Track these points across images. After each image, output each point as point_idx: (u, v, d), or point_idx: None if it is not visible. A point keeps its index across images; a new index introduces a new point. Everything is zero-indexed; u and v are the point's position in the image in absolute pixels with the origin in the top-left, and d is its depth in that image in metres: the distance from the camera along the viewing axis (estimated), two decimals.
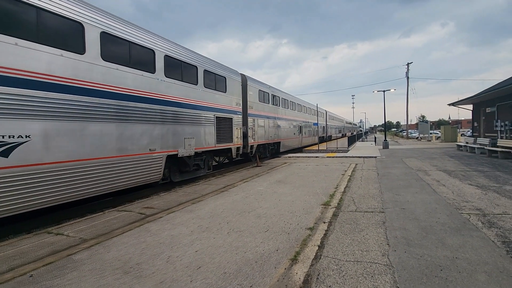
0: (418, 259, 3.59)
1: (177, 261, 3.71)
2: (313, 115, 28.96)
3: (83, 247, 4.26)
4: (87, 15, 6.31)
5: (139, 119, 7.60)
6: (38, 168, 5.29)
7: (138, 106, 7.56)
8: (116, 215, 5.95)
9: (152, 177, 8.15)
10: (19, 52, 5.08)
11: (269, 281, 3.15)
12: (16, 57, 5.03)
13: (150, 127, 7.98)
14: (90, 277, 3.34)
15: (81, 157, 6.09)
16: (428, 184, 8.18)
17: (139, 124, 7.61)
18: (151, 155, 8.02)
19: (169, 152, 8.71)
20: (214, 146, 11.11)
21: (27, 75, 5.20)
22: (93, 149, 6.34)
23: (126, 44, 7.39)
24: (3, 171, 4.81)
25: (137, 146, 7.53)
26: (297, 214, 5.62)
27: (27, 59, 5.19)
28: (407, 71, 42.41)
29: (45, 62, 5.50)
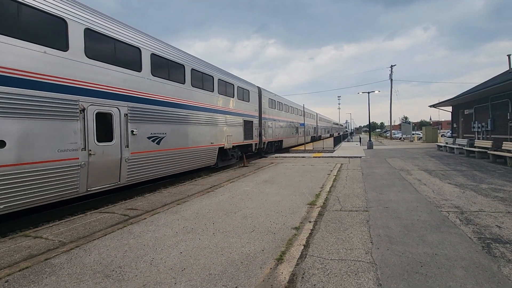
0: (400, 256, 3.67)
1: (161, 263, 3.64)
2: (307, 117, 33.02)
3: (62, 250, 4.11)
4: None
5: (206, 123, 11.42)
6: (169, 152, 9.26)
7: (205, 113, 11.40)
8: (98, 217, 5.78)
9: (210, 161, 12.01)
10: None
11: (255, 282, 3.14)
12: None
13: (212, 127, 11.87)
14: (68, 282, 3.22)
15: (192, 145, 10.48)
16: (410, 183, 8.42)
17: (206, 125, 11.45)
18: (212, 147, 11.87)
19: (219, 145, 12.51)
20: (242, 142, 14.97)
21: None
22: (183, 141, 10.02)
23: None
24: (163, 153, 8.90)
25: (205, 140, 11.36)
26: (283, 214, 5.64)
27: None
28: (391, 73, 43.56)
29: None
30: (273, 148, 21.16)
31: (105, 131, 7.01)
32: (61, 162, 5.99)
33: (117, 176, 7.40)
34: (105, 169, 7.01)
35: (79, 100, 6.34)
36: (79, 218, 5.78)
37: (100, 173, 6.89)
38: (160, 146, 8.77)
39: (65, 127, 6.09)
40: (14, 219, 5.91)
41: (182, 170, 10.10)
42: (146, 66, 8.32)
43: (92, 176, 6.68)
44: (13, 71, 5.22)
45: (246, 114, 15.50)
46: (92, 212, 6.28)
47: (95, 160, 6.69)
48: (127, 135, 7.58)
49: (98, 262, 3.71)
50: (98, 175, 6.85)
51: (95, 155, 6.67)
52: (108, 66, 7.11)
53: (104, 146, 6.95)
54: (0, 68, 5.06)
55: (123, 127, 7.47)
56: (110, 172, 7.19)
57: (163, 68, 9.12)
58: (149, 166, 8.40)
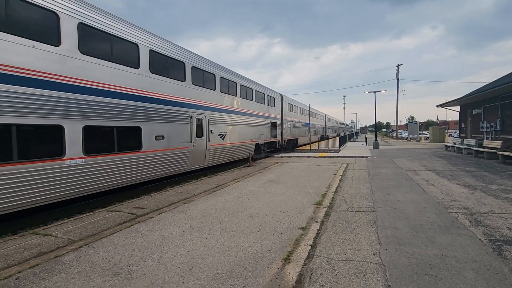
0: (408, 258, 3.63)
1: (169, 262, 3.66)
2: (317, 118, 37.50)
3: (71, 248, 4.16)
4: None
5: (249, 124, 15.44)
6: (229, 145, 12.91)
7: (249, 117, 15.48)
8: (106, 215, 5.84)
9: (250, 153, 15.50)
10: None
11: (262, 281, 3.14)
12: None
13: (252, 128, 15.86)
14: (78, 279, 3.26)
15: (240, 141, 14.34)
16: (418, 184, 8.33)
17: (249, 127, 15.44)
18: (251, 142, 15.92)
19: (256, 142, 16.46)
20: (269, 139, 18.83)
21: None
22: (236, 138, 13.89)
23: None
24: (225, 145, 12.65)
25: (248, 137, 15.32)
26: (289, 214, 5.63)
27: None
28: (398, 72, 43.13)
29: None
30: (291, 145, 23.91)
31: (199, 130, 10.90)
32: (183, 149, 9.98)
33: (203, 160, 11.23)
34: (199, 155, 10.91)
35: (189, 112, 10.36)
36: (87, 217, 5.84)
37: (197, 157, 10.77)
38: (224, 141, 12.76)
39: (184, 128, 10.10)
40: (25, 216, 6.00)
41: (234, 159, 14.02)
42: (217, 86, 12.44)
43: (193, 159, 10.54)
44: (171, 98, 9.53)
45: (273, 117, 19.38)
46: (100, 211, 6.35)
47: (195, 149, 10.61)
48: (208, 133, 11.44)
49: (107, 260, 3.75)
50: (196, 159, 10.72)
51: (195, 145, 10.58)
52: (202, 88, 11.28)
53: (199, 140, 10.87)
54: (167, 97, 9.29)
55: (207, 128, 11.34)
56: (201, 157, 11.04)
57: (229, 87, 13.52)
58: (218, 154, 12.38)
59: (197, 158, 10.70)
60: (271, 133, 18.74)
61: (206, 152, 11.22)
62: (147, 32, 8.76)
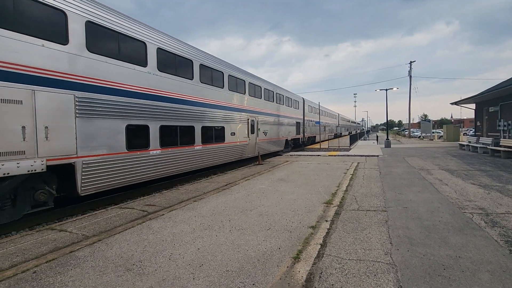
0: (421, 258, 3.57)
1: (179, 258, 3.71)
2: (331, 118, 41.05)
3: (86, 244, 4.27)
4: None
5: (282, 124, 19.14)
6: (269, 140, 16.96)
7: (282, 119, 19.16)
8: (118, 212, 5.96)
9: (282, 147, 19.42)
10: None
11: (272, 279, 3.15)
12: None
13: (284, 127, 19.49)
14: (92, 274, 3.35)
15: (276, 137, 18.21)
16: (431, 183, 8.15)
17: (282, 126, 19.15)
18: (282, 138, 19.35)
19: (285, 138, 19.87)
20: (295, 136, 22.35)
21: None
22: (273, 134, 17.59)
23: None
24: (267, 140, 16.73)
25: (281, 135, 19.01)
26: (299, 213, 5.61)
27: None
28: (410, 69, 42.24)
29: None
30: (310, 142, 27.71)
31: (252, 129, 14.50)
32: (243, 143, 13.60)
33: (254, 151, 14.83)
34: (252, 146, 14.64)
35: (247, 115, 14.04)
36: (101, 213, 5.98)
37: (251, 148, 14.50)
38: (266, 137, 16.46)
39: (245, 127, 13.81)
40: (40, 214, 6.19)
41: (271, 151, 17.61)
42: (262, 95, 16.11)
43: (248, 149, 14.24)
44: (239, 106, 13.41)
45: (297, 118, 23.05)
46: (113, 208, 6.49)
47: (249, 143, 14.23)
48: (257, 131, 15.10)
49: (119, 256, 3.83)
50: (250, 149, 14.44)
51: (250, 140, 14.31)
52: (253, 98, 14.91)
53: (252, 136, 14.56)
54: (237, 106, 13.10)
55: (256, 127, 15.05)
56: (253, 148, 14.71)
57: (269, 95, 17.21)
58: (263, 146, 16.03)
59: (251, 148, 14.51)
60: (296, 131, 22.41)
61: (256, 145, 15.05)
62: (226, 63, 12.47)
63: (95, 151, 6.52)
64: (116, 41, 7.13)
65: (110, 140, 6.88)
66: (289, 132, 20.67)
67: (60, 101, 5.79)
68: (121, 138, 7.15)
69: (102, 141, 6.68)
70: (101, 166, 6.65)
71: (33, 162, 5.31)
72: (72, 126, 6.02)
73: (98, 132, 6.57)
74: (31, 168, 5.27)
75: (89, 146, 6.38)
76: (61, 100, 5.81)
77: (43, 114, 5.50)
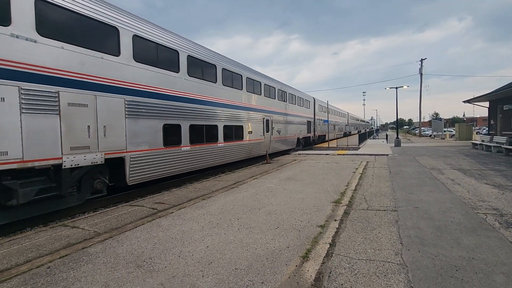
0: (432, 259, 3.51)
1: (189, 256, 3.75)
2: (341, 116, 42.28)
3: (97, 240, 4.36)
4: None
5: (293, 123, 20.02)
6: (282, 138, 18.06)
7: (294, 118, 20.13)
8: (129, 210, 6.06)
9: (294, 145, 20.39)
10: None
11: (280, 278, 3.15)
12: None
13: (295, 125, 20.39)
14: (104, 270, 3.41)
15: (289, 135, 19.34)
16: (443, 183, 7.99)
17: (294, 124, 20.08)
18: (294, 137, 20.37)
19: (297, 136, 20.82)
20: (306, 135, 23.31)
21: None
22: (286, 133, 18.76)
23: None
24: (280, 138, 17.76)
25: (293, 133, 19.90)
26: (307, 212, 5.59)
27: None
28: (421, 67, 41.43)
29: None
30: (320, 140, 28.52)
31: (266, 127, 15.44)
32: (258, 140, 14.52)
33: (268, 148, 15.70)
34: (267, 144, 15.47)
35: (262, 115, 15.03)
36: (112, 211, 6.09)
37: (265, 146, 15.33)
38: (279, 135, 17.34)
39: (260, 125, 14.69)
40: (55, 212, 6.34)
41: (284, 148, 18.53)
42: (276, 96, 17.12)
43: (263, 147, 14.99)
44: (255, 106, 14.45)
45: (308, 117, 24.00)
46: (123, 205, 6.59)
47: (264, 140, 15.09)
48: (271, 129, 16.09)
49: (130, 252, 3.90)
50: (264, 146, 15.17)
51: (265, 138, 15.23)
52: (268, 98, 15.98)
53: (267, 134, 15.57)
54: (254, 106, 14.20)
55: (271, 126, 15.99)
56: (267, 146, 15.55)
57: (282, 96, 18.23)
58: (276, 144, 17.03)
59: (265, 146, 15.33)
60: (307, 129, 23.50)
61: (270, 142, 16.00)
62: (244, 66, 13.61)
63: (139, 146, 7.53)
64: (155, 51, 8.16)
65: (151, 138, 7.90)
66: (301, 131, 21.72)
67: (114, 104, 6.84)
68: (159, 136, 8.16)
69: (145, 138, 7.70)
70: (144, 160, 7.66)
71: (95, 155, 6.37)
72: (122, 125, 7.02)
73: (141, 131, 7.58)
74: (93, 160, 6.34)
75: (135, 143, 7.38)
76: (115, 103, 6.86)
77: (102, 115, 6.52)
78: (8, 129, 4.97)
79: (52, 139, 5.58)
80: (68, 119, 5.84)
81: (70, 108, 5.88)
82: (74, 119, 5.93)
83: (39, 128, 5.37)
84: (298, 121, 21.06)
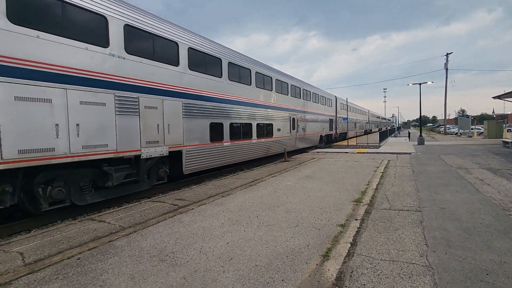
0: (460, 262, 3.37)
1: (209, 251, 3.82)
2: (361, 114, 42.46)
3: (123, 234, 4.53)
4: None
5: (317, 121, 20.81)
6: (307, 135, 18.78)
7: (317, 116, 20.94)
8: (151, 206, 6.24)
9: (317, 143, 21.04)
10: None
11: (301, 276, 3.14)
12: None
13: (318, 123, 21.14)
14: (129, 263, 3.55)
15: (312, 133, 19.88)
16: (470, 183, 7.63)
17: (317, 122, 20.92)
18: (317, 134, 21.05)
19: (320, 134, 21.54)
20: (328, 132, 23.90)
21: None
22: (310, 130, 19.27)
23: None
24: (305, 136, 18.39)
25: (316, 131, 20.73)
26: (327, 210, 5.52)
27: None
28: (446, 62, 39.59)
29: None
30: (341, 138, 28.84)
31: (292, 125, 16.27)
32: (285, 138, 15.42)
33: (294, 145, 16.72)
34: (293, 141, 16.47)
35: (289, 113, 15.92)
36: (135, 206, 6.31)
37: (291, 142, 16.26)
38: (304, 132, 18.16)
39: (287, 123, 15.61)
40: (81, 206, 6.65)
41: (307, 145, 19.13)
42: (301, 95, 17.92)
43: (289, 143, 15.92)
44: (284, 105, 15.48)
45: (330, 115, 24.63)
46: (146, 201, 6.81)
47: (290, 137, 16.05)
48: (297, 127, 16.88)
49: (153, 246, 4.02)
50: (290, 143, 16.09)
51: (291, 135, 16.07)
52: (294, 98, 16.83)
53: (293, 131, 16.38)
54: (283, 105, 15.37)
55: (296, 124, 16.79)
56: (293, 143, 16.52)
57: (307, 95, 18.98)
58: (301, 141, 17.73)
59: (291, 143, 16.27)
60: (329, 127, 24.13)
61: (296, 139, 16.82)
62: (273, 68, 14.82)
63: (192, 142, 8.76)
64: (204, 59, 9.40)
65: (201, 134, 9.13)
66: (323, 128, 22.41)
67: (175, 106, 8.10)
68: (206, 133, 9.37)
69: (196, 135, 8.92)
70: (195, 153, 8.90)
71: (162, 148, 7.65)
72: (181, 124, 8.28)
73: (194, 128, 8.80)
74: (161, 152, 7.62)
75: (189, 138, 8.61)
76: (175, 105, 8.12)
77: (167, 115, 7.78)
78: (108, 126, 6.28)
79: (135, 135, 6.91)
80: (144, 119, 7.15)
81: (146, 110, 7.19)
82: (148, 119, 7.24)
83: (126, 126, 6.69)
84: (321, 119, 21.69)
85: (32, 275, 3.30)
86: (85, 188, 6.33)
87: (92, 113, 5.98)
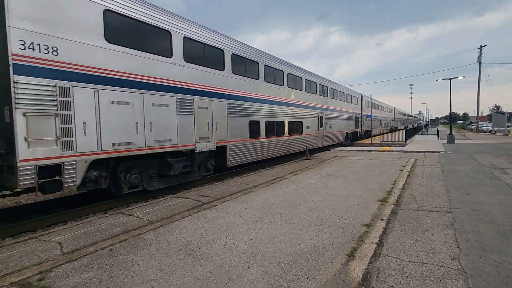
0: (496, 266, 3.19)
1: (234, 247, 3.89)
2: (387, 112, 42.65)
3: (150, 228, 4.72)
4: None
5: (343, 118, 21.54)
6: (333, 133, 19.71)
7: (343, 114, 21.57)
8: (176, 201, 6.44)
9: (343, 140, 21.68)
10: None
11: (326, 275, 3.12)
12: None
13: (344, 121, 21.90)
14: (158, 255, 3.70)
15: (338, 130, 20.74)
16: (507, 184, 7.17)
17: (343, 120, 21.69)
18: (343, 132, 21.80)
19: (346, 131, 22.19)
20: (353, 130, 24.57)
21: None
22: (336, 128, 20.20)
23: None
24: (331, 133, 19.34)
25: (342, 128, 21.51)
26: (351, 210, 5.42)
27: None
28: (480, 55, 37.17)
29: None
30: (366, 135, 29.09)
31: (320, 123, 17.12)
32: (314, 135, 16.33)
33: (322, 142, 17.64)
34: (320, 138, 17.33)
35: (317, 112, 16.72)
36: (161, 201, 6.53)
37: (319, 139, 17.19)
38: (331, 130, 18.97)
39: (315, 121, 16.48)
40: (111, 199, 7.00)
41: (334, 142, 19.86)
42: (329, 94, 18.67)
43: (317, 140, 16.89)
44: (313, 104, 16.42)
45: (355, 113, 25.21)
46: (171, 197, 7.03)
47: (318, 135, 16.97)
48: (324, 125, 17.72)
49: (180, 241, 4.16)
50: (318, 140, 17.06)
51: (318, 132, 16.95)
52: (322, 97, 17.60)
53: (321, 129, 17.28)
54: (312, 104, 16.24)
55: (324, 122, 17.68)
56: (320, 140, 17.42)
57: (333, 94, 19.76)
58: (328, 138, 18.60)
59: (319, 139, 17.25)
60: (354, 125, 24.85)
61: (323, 136, 17.79)
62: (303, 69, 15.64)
63: (235, 138, 9.85)
64: (244, 63, 10.45)
65: (241, 131, 10.21)
66: (349, 126, 23.23)
67: (221, 106, 9.22)
68: (246, 130, 10.45)
69: (238, 132, 10.01)
70: (237, 148, 9.98)
71: (211, 144, 8.80)
72: (225, 122, 9.38)
73: (236, 126, 9.90)
74: (211, 147, 8.79)
75: (232, 135, 9.71)
76: (221, 106, 9.24)
77: (215, 115, 8.91)
78: (171, 124, 7.46)
79: (190, 131, 8.06)
80: (198, 118, 8.27)
81: (199, 110, 8.31)
82: (200, 118, 8.36)
83: (185, 124, 7.85)
84: (347, 117, 22.44)
85: (70, 264, 3.53)
86: (152, 176, 7.53)
87: (161, 113, 7.15)
